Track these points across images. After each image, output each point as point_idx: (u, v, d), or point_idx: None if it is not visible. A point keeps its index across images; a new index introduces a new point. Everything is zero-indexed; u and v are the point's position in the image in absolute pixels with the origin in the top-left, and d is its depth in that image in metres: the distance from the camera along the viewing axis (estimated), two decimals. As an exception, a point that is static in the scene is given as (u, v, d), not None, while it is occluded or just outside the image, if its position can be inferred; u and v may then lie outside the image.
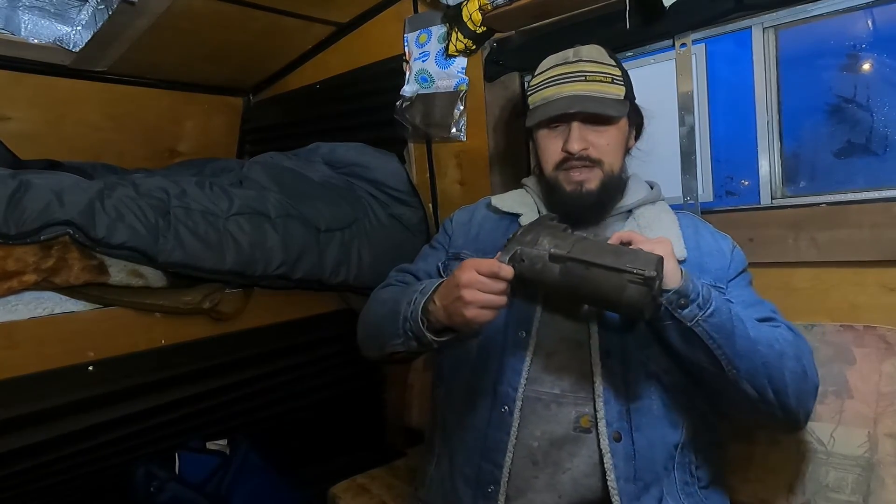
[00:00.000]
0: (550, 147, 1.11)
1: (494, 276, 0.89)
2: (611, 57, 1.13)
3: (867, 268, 1.21)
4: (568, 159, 1.08)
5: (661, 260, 0.84)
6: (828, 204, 1.27)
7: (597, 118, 1.08)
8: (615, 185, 1.12)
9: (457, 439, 1.11)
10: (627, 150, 1.18)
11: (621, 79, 1.11)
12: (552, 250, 0.88)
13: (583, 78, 1.09)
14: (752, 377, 0.93)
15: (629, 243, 0.91)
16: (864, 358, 1.17)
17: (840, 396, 1.17)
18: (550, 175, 1.12)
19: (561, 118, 1.09)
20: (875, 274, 1.21)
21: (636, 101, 1.16)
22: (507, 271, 0.89)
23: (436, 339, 0.98)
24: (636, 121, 1.17)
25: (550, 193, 1.14)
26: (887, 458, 1.10)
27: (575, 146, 1.07)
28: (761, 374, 0.93)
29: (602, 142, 1.09)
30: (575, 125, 1.08)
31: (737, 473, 1.25)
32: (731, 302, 0.99)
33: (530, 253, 0.89)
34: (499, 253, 0.93)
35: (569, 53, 1.12)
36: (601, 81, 1.09)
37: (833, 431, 1.17)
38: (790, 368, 0.96)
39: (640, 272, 0.81)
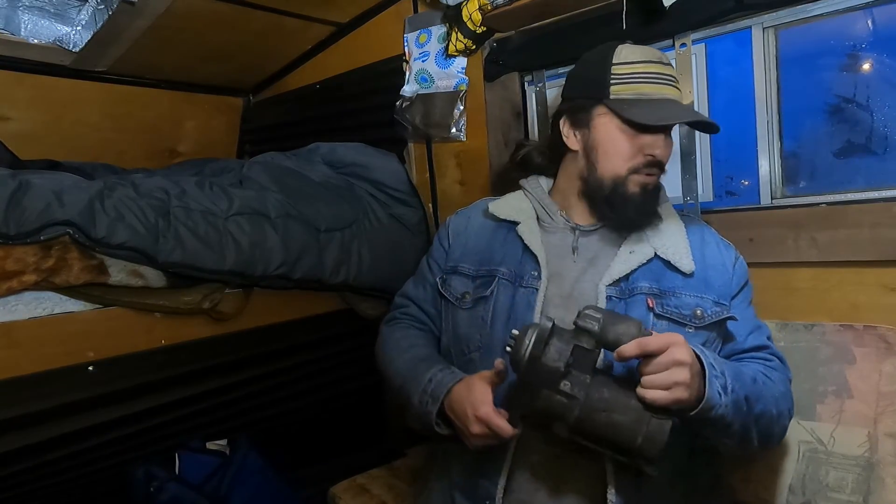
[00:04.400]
0: (629, 146, 1.04)
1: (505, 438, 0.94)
2: None
3: (867, 268, 1.21)
4: (650, 164, 1.05)
5: (670, 432, 0.83)
6: (828, 204, 1.27)
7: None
8: (661, 187, 1.13)
9: (456, 453, 1.10)
10: None
11: None
12: (554, 429, 0.88)
13: (675, 83, 1.07)
14: (745, 443, 0.97)
15: (647, 354, 0.84)
16: (864, 357, 1.17)
17: (840, 396, 1.17)
18: (618, 174, 1.05)
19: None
20: (875, 274, 1.21)
21: None
22: (516, 434, 0.95)
23: (449, 432, 1.03)
24: None
25: (607, 195, 1.07)
26: (887, 457, 1.10)
27: (665, 154, 1.06)
28: (755, 440, 0.97)
29: (669, 151, 1.08)
30: (662, 133, 1.06)
31: (737, 473, 1.25)
32: (741, 378, 0.95)
33: (538, 414, 0.90)
34: (502, 412, 0.95)
35: (655, 52, 1.08)
36: (678, 88, 1.08)
37: (833, 431, 1.17)
38: (780, 424, 1.01)
39: (645, 469, 0.84)
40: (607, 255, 1.07)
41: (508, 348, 0.88)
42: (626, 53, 1.06)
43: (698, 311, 1.02)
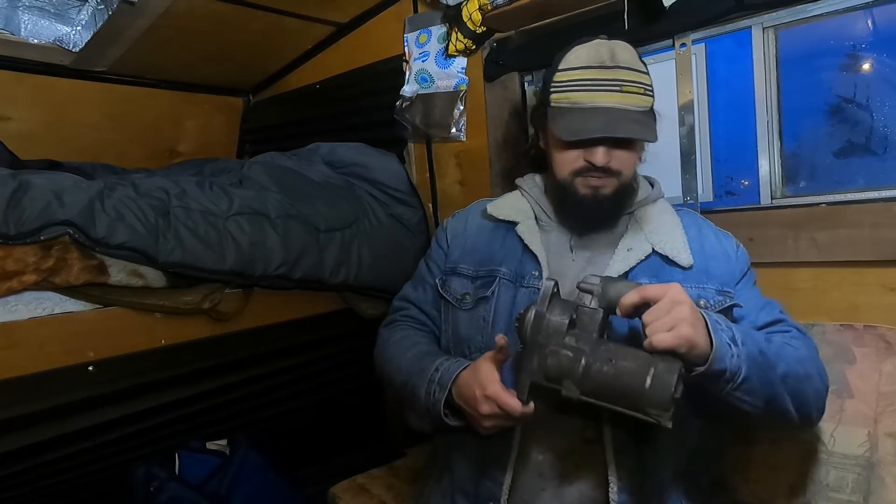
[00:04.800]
0: (570, 153, 1.05)
1: (516, 416, 0.92)
2: (641, 59, 1.06)
3: (867, 268, 1.21)
4: (589, 169, 1.04)
5: (679, 377, 0.80)
6: (828, 204, 1.27)
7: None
8: (628, 192, 1.10)
9: (457, 454, 1.09)
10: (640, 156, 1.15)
11: (651, 88, 1.05)
12: (563, 392, 0.86)
13: (618, 88, 1.01)
14: (781, 411, 0.93)
15: (644, 304, 0.84)
16: (864, 357, 1.17)
17: (840, 396, 1.17)
18: (565, 178, 1.07)
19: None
20: (875, 274, 1.21)
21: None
22: (528, 412, 0.91)
23: (459, 423, 1.02)
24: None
25: (561, 196, 1.10)
26: (887, 457, 1.10)
27: (600, 160, 1.02)
28: (790, 405, 0.93)
29: (625, 155, 1.04)
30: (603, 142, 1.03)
31: (737, 474, 1.25)
32: (755, 337, 0.92)
33: (543, 379, 0.88)
34: (512, 392, 0.92)
35: (604, 55, 1.02)
36: (635, 93, 1.02)
37: (833, 431, 1.17)
38: (813, 388, 0.96)
39: (660, 419, 0.80)
40: (605, 254, 1.07)
41: (516, 323, 0.90)
42: (570, 58, 1.04)
43: (701, 303, 1.01)
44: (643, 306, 0.84)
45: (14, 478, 1.38)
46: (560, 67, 1.05)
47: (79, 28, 1.91)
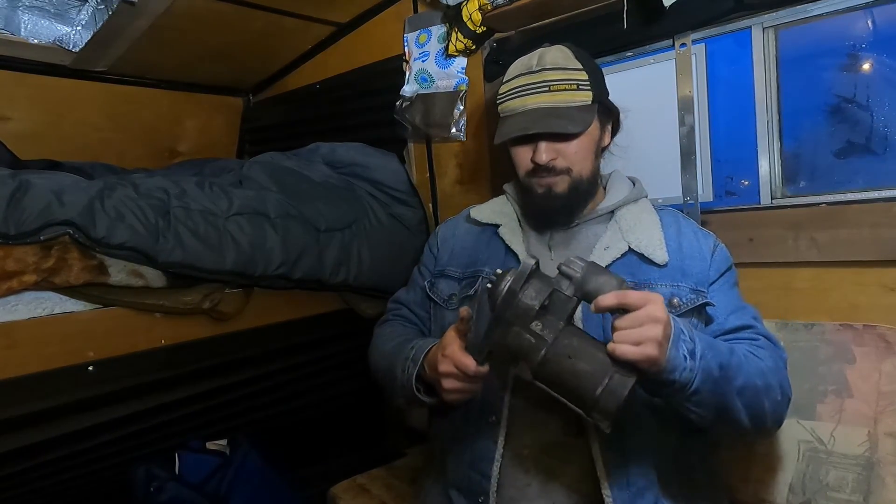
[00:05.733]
0: (521, 155, 1.12)
1: (471, 374, 0.94)
2: (577, 58, 1.10)
3: (867, 268, 1.21)
4: (536, 169, 1.10)
5: (631, 390, 0.80)
6: (828, 204, 1.27)
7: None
8: (586, 189, 1.13)
9: (449, 450, 1.12)
10: (603, 150, 1.18)
11: (587, 83, 1.09)
12: (518, 371, 0.89)
13: (546, 89, 1.07)
14: (732, 421, 0.94)
15: (622, 309, 0.83)
16: (864, 357, 1.17)
17: (840, 395, 1.17)
18: (523, 180, 1.14)
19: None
20: (875, 274, 1.21)
21: (609, 99, 1.16)
22: (482, 371, 0.94)
23: (430, 399, 1.05)
24: (609, 119, 1.17)
25: (524, 196, 1.17)
26: (887, 456, 1.10)
27: (542, 158, 1.07)
28: (743, 416, 0.94)
29: (570, 151, 1.09)
30: (541, 139, 1.08)
31: (737, 473, 1.25)
32: (716, 349, 0.92)
33: (501, 353, 0.91)
34: (469, 336, 0.97)
35: (532, 61, 1.10)
36: (565, 90, 1.07)
37: (833, 431, 1.17)
38: (771, 399, 0.97)
39: (600, 423, 0.82)
40: (583, 252, 1.10)
41: (489, 284, 0.90)
42: (509, 70, 1.14)
43: (675, 301, 1.03)
44: (618, 310, 0.83)
45: (14, 478, 1.38)
46: (504, 79, 1.14)
47: (79, 28, 1.91)
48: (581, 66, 1.09)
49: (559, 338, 0.84)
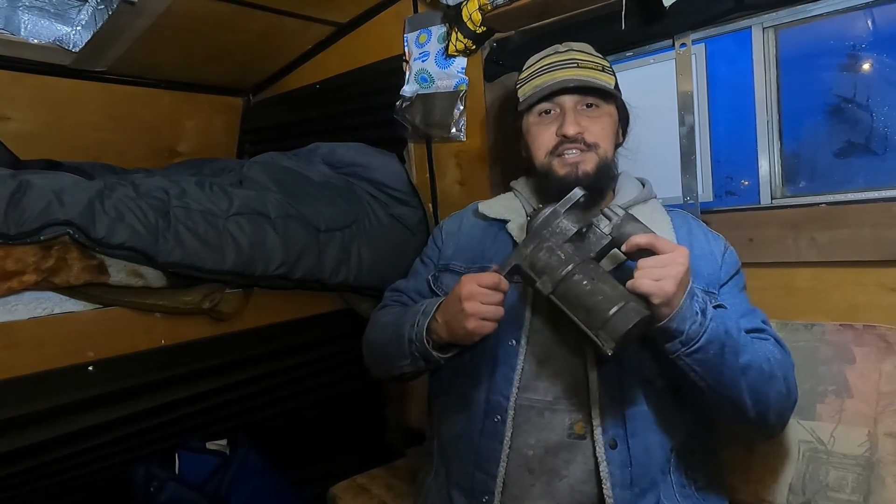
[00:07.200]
0: (543, 134, 1.10)
1: (494, 288, 0.94)
2: (599, 56, 1.17)
3: (867, 268, 1.21)
4: (563, 143, 1.07)
5: (641, 321, 0.84)
6: (828, 204, 1.27)
7: (592, 100, 1.09)
8: (609, 173, 1.12)
9: (452, 450, 1.11)
10: (618, 145, 1.18)
11: (611, 70, 1.15)
12: (538, 284, 0.90)
13: (575, 65, 1.10)
14: (734, 400, 0.94)
15: (648, 251, 0.88)
16: (864, 357, 1.17)
17: (840, 396, 1.17)
18: (543, 163, 1.11)
19: (555, 102, 1.10)
20: (875, 274, 1.21)
21: (622, 99, 1.17)
22: (506, 284, 0.95)
23: (442, 355, 1.02)
24: (624, 116, 1.17)
25: (543, 182, 1.13)
26: (887, 457, 1.10)
27: (571, 129, 1.06)
28: (746, 396, 0.93)
29: (596, 127, 1.09)
30: (569, 109, 1.08)
31: (737, 473, 1.25)
32: (726, 320, 0.95)
33: (527, 272, 0.93)
34: (495, 266, 0.97)
35: (558, 46, 1.15)
36: (593, 69, 1.11)
37: (833, 431, 1.17)
38: (776, 389, 0.96)
39: (604, 344, 0.84)
40: None
41: (528, 217, 0.96)
42: (529, 60, 1.17)
43: None
44: (647, 252, 0.88)
45: (14, 478, 1.38)
46: (523, 69, 1.17)
47: (79, 28, 1.91)
48: (603, 57, 1.17)
49: (586, 262, 0.89)
